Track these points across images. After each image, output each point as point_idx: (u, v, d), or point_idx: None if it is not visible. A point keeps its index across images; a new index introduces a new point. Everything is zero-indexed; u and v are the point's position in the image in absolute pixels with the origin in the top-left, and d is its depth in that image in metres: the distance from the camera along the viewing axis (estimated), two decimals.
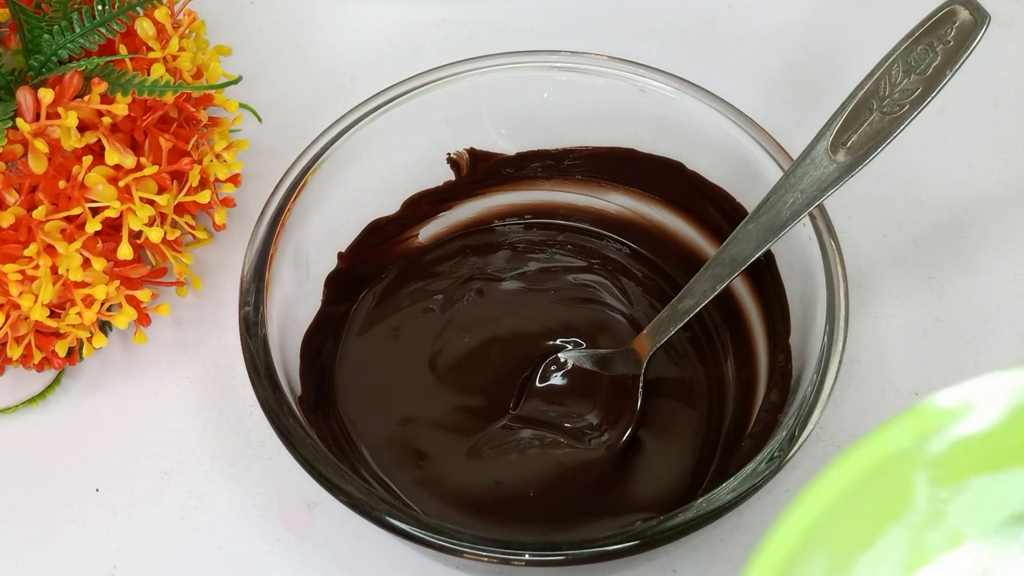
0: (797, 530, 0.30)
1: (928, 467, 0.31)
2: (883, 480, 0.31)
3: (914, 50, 0.45)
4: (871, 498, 0.31)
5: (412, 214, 0.53)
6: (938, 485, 0.32)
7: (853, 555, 0.32)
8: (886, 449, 0.31)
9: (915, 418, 0.31)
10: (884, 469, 0.31)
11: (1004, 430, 0.31)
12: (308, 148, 0.49)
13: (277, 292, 0.47)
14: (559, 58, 0.51)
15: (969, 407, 0.31)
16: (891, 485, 0.31)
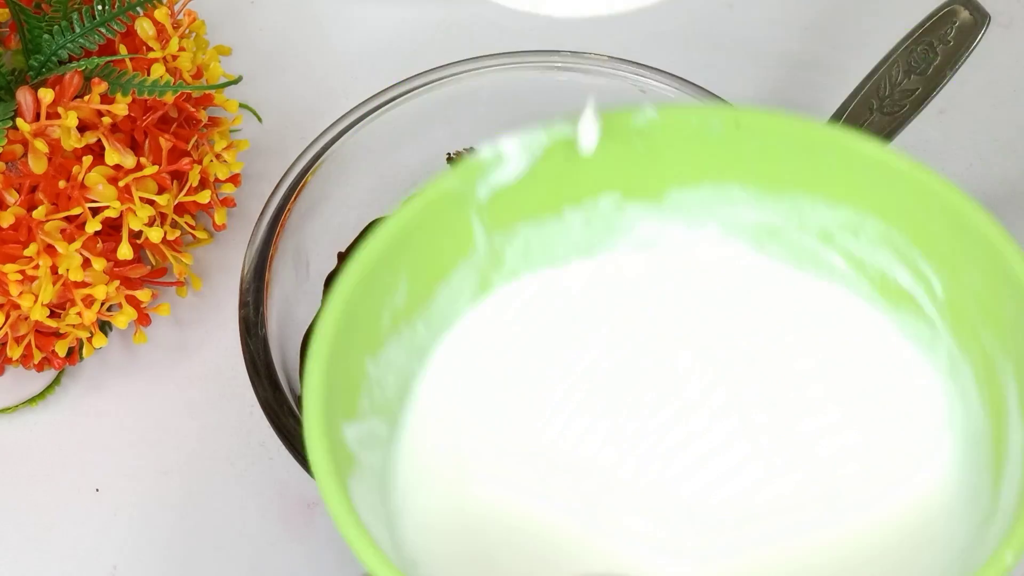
0: (378, 249, 0.35)
1: (480, 212, 0.37)
2: (446, 217, 0.36)
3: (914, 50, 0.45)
4: (439, 233, 0.36)
5: None
6: (491, 230, 0.37)
7: (432, 283, 0.37)
8: (441, 188, 0.36)
9: (462, 166, 0.36)
10: (444, 206, 0.36)
11: (531, 180, 0.36)
12: (308, 148, 0.49)
13: (277, 292, 0.47)
14: (559, 58, 0.51)
15: (501, 158, 0.36)
16: (454, 224, 0.37)
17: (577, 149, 0.37)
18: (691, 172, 0.38)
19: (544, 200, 0.38)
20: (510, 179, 0.36)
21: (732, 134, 0.36)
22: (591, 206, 0.38)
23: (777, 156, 0.37)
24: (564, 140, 0.37)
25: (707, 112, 0.37)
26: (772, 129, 0.36)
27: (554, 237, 0.39)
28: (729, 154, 0.37)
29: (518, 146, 0.36)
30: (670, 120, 0.37)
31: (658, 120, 0.36)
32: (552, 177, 0.37)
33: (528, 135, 0.36)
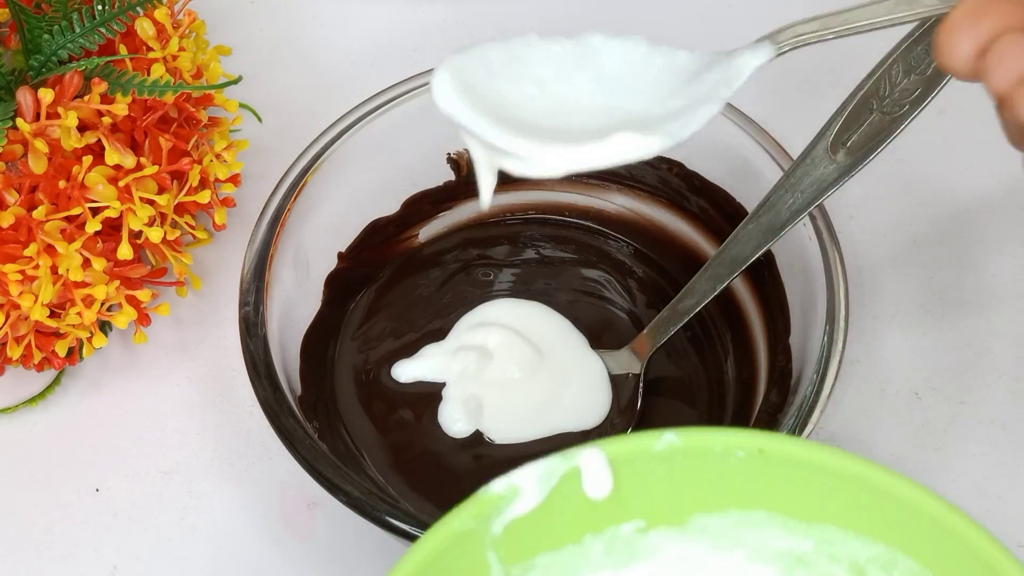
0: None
1: (495, 547, 0.35)
2: (459, 559, 0.35)
3: (914, 50, 0.45)
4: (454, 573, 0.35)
5: (412, 214, 0.53)
6: (508, 563, 0.36)
7: None
8: (454, 528, 0.35)
9: (475, 502, 0.35)
10: (457, 548, 0.35)
11: (548, 511, 0.35)
12: (308, 148, 0.49)
13: (277, 292, 0.47)
14: None
15: (516, 491, 0.35)
16: (468, 564, 0.35)
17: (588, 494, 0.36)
18: (716, 497, 0.37)
19: (562, 529, 0.36)
20: (525, 511, 0.35)
21: (756, 461, 0.35)
22: (613, 533, 0.37)
23: (805, 485, 0.36)
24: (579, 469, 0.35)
25: (730, 437, 0.36)
26: (797, 458, 0.35)
27: (574, 563, 0.37)
28: (755, 480, 0.36)
29: (534, 478, 0.35)
30: (692, 445, 0.36)
31: (679, 445, 0.35)
32: (570, 506, 0.36)
33: (543, 466, 0.35)
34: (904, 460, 0.50)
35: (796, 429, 0.43)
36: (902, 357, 0.52)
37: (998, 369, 0.52)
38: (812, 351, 0.45)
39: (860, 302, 0.53)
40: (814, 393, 0.43)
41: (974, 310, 0.53)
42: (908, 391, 0.51)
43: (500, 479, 0.35)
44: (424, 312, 0.52)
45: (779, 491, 0.36)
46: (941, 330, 0.53)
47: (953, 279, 0.54)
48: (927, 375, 0.52)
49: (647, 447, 0.36)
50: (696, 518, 0.37)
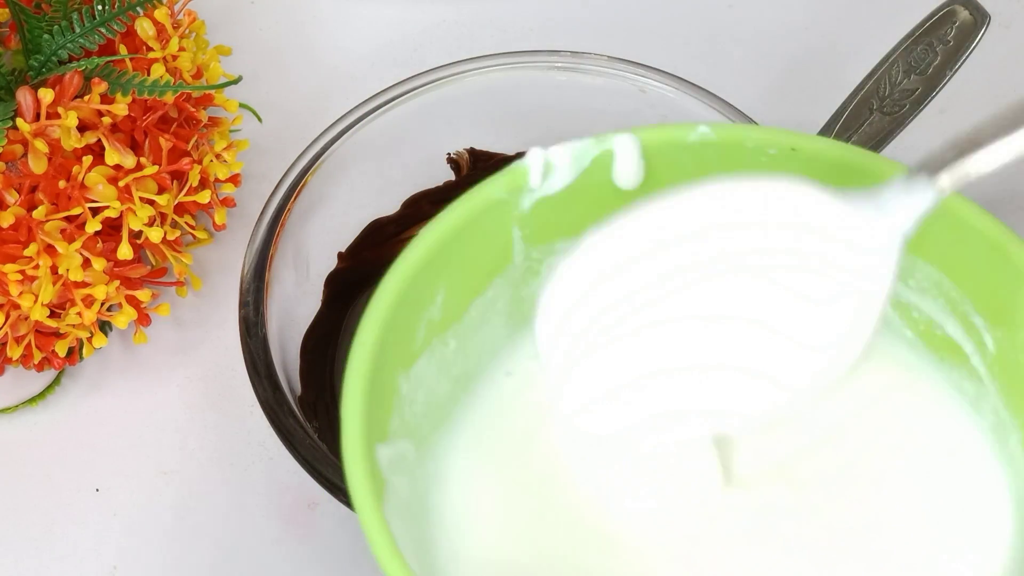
0: (420, 258, 0.34)
1: (521, 223, 0.35)
2: (487, 227, 0.35)
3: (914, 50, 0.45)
4: (479, 244, 0.35)
5: (412, 214, 0.53)
6: (530, 243, 0.36)
7: (468, 296, 0.36)
8: (486, 196, 0.35)
9: (510, 173, 0.35)
10: (486, 217, 0.35)
11: (575, 194, 0.35)
12: (308, 148, 0.49)
13: (277, 292, 0.47)
14: (559, 58, 0.51)
15: (550, 167, 0.35)
16: (494, 235, 0.35)
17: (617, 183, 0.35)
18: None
19: (587, 215, 0.36)
20: (554, 190, 0.35)
21: (788, 159, 0.35)
22: None
23: (833, 182, 0.34)
24: (613, 152, 0.35)
25: (764, 134, 0.35)
26: (830, 158, 0.35)
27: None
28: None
29: (567, 156, 0.35)
30: (725, 139, 0.35)
31: (713, 138, 0.35)
32: (598, 191, 0.36)
33: (578, 145, 0.35)
34: None
35: None
36: None
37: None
38: None
39: None
40: None
41: None
42: None
43: (535, 152, 0.35)
44: None
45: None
46: None
47: None
48: None
49: (681, 137, 0.35)
50: None
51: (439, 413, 0.36)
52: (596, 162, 0.35)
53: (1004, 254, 0.34)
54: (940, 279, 0.35)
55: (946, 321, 0.36)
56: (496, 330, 0.37)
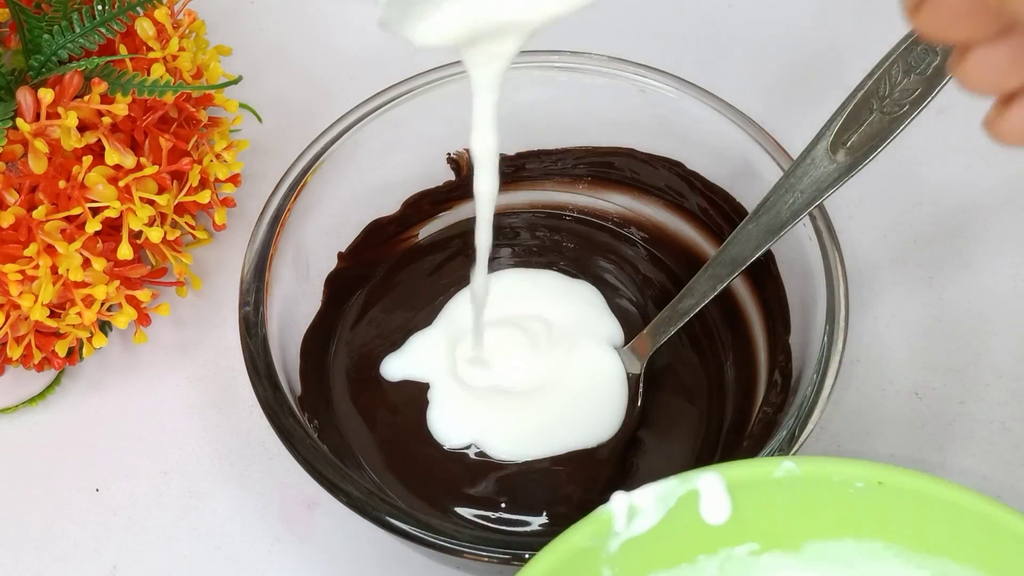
0: None
1: (610, 563, 0.36)
2: (575, 573, 0.36)
3: (914, 50, 0.45)
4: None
5: (412, 214, 0.53)
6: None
7: None
8: (572, 545, 0.36)
9: (594, 521, 0.36)
10: (574, 563, 0.35)
11: (663, 531, 0.36)
12: (308, 148, 0.49)
13: (277, 292, 0.47)
14: (559, 58, 0.51)
15: (635, 511, 0.36)
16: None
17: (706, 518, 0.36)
18: (832, 525, 0.37)
19: (677, 549, 0.37)
20: (642, 531, 0.36)
21: (875, 492, 0.36)
22: (727, 554, 0.37)
23: (923, 517, 0.36)
24: (698, 492, 0.36)
25: (849, 467, 0.36)
26: (916, 491, 0.36)
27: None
28: (872, 511, 0.36)
29: (652, 499, 0.36)
30: (811, 474, 0.36)
31: (798, 474, 0.36)
32: (686, 527, 0.36)
33: (662, 486, 0.36)
34: (904, 460, 0.50)
35: (796, 429, 0.43)
36: (902, 357, 0.52)
37: (998, 369, 0.52)
38: (812, 351, 0.45)
39: (860, 302, 0.53)
40: (814, 393, 0.43)
41: (974, 310, 0.53)
42: (908, 391, 0.51)
43: (619, 498, 0.36)
44: (415, 301, 0.52)
45: (897, 522, 0.36)
46: (941, 330, 0.53)
47: (953, 279, 0.54)
48: (927, 375, 0.52)
49: (766, 474, 0.36)
50: (811, 544, 0.37)
51: None
52: (682, 501, 0.36)
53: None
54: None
55: None
56: None
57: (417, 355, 0.50)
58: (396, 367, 0.50)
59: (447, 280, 0.52)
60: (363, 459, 0.48)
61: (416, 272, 0.53)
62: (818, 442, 0.50)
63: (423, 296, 0.52)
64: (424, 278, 0.52)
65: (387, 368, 0.50)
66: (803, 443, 0.43)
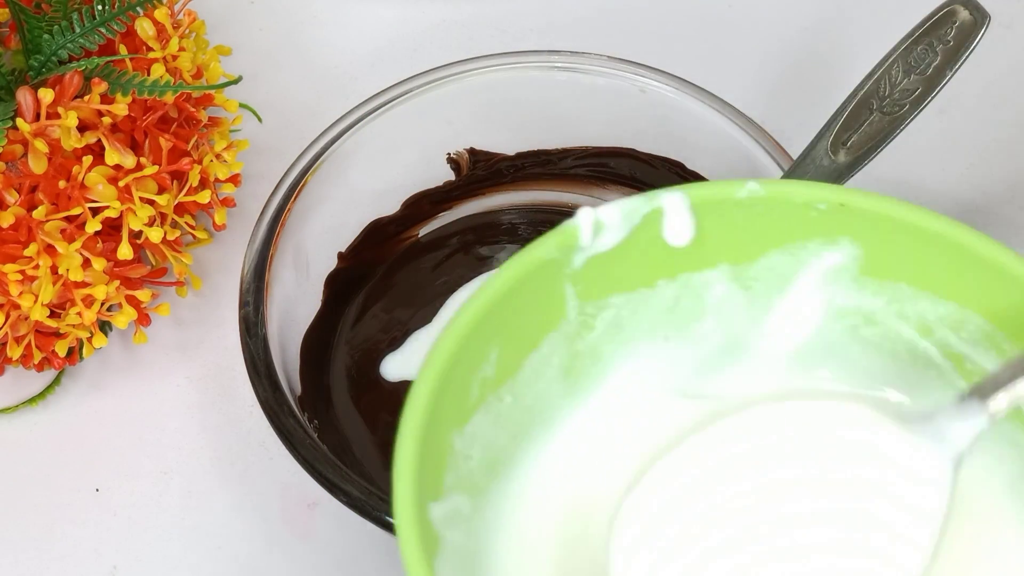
0: (473, 318, 0.34)
1: (573, 280, 0.36)
2: (540, 285, 0.36)
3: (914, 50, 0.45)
4: (532, 302, 0.36)
5: (412, 214, 0.53)
6: (583, 299, 0.36)
7: (522, 352, 0.36)
8: (538, 255, 0.35)
9: (560, 233, 0.35)
10: (539, 275, 0.35)
11: (627, 251, 0.36)
12: (308, 148, 0.49)
13: (277, 292, 0.47)
14: (559, 58, 0.51)
15: (600, 226, 0.35)
16: (547, 293, 0.36)
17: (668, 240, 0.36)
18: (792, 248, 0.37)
19: (639, 271, 0.37)
20: (606, 248, 0.36)
21: (837, 214, 0.35)
22: (685, 280, 0.37)
23: (882, 242, 0.36)
24: (663, 210, 0.36)
25: (813, 190, 0.36)
26: (879, 213, 0.35)
27: (645, 307, 0.38)
28: (832, 234, 0.36)
29: (617, 216, 0.35)
30: (774, 195, 0.36)
31: (762, 194, 0.36)
32: (648, 248, 0.36)
33: (628, 203, 0.36)
34: None
35: None
36: None
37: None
38: None
39: None
40: None
41: None
42: None
43: (585, 212, 0.35)
44: (416, 299, 0.52)
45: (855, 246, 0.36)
46: None
47: None
48: None
49: (729, 194, 0.36)
50: (768, 256, 0.37)
51: (496, 466, 0.36)
52: (646, 219, 0.36)
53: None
54: (992, 330, 0.36)
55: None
56: (552, 384, 0.38)
57: (417, 354, 0.50)
58: (396, 366, 0.50)
59: (447, 278, 0.52)
60: (363, 459, 0.48)
61: (416, 271, 0.53)
62: None
63: (423, 294, 0.52)
64: (424, 277, 0.52)
65: (387, 368, 0.50)
66: None
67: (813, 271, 0.37)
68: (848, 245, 0.36)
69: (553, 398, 0.37)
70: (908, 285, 0.36)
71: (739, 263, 0.37)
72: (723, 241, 0.36)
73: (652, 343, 0.38)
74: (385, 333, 0.51)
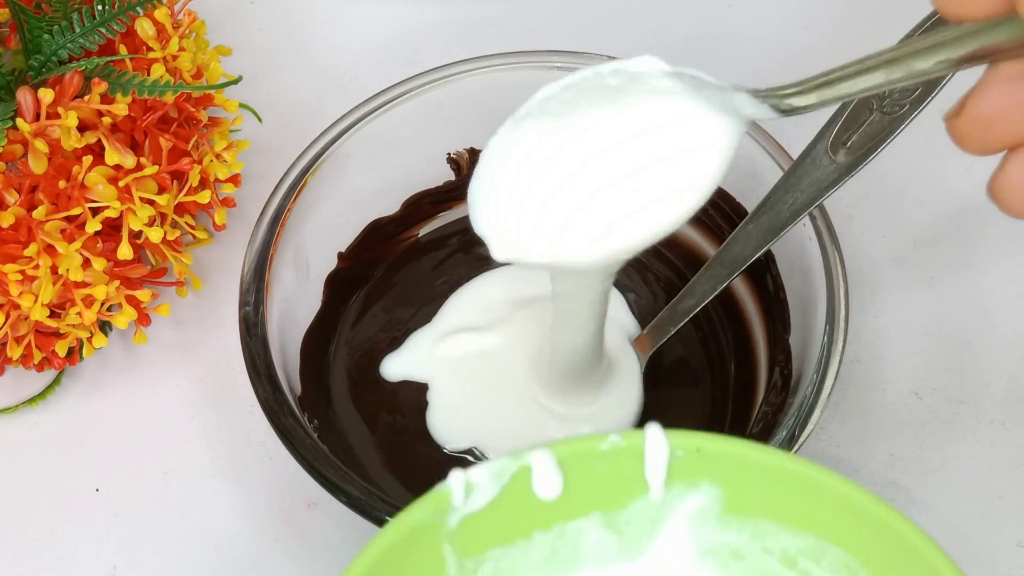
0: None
1: (450, 539, 0.37)
2: (417, 550, 0.37)
3: None
4: (410, 565, 0.36)
5: (412, 214, 0.53)
6: (462, 556, 0.37)
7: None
8: (413, 520, 0.36)
9: (433, 497, 0.37)
10: (415, 538, 0.36)
11: (500, 507, 0.37)
12: (308, 148, 0.49)
13: (277, 292, 0.47)
14: (559, 58, 0.51)
15: (472, 487, 0.37)
16: (426, 554, 0.37)
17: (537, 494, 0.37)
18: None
19: (513, 525, 0.38)
20: (479, 507, 0.37)
21: (694, 458, 0.37)
22: (560, 530, 0.38)
23: (738, 481, 0.37)
24: (530, 467, 0.37)
25: (672, 438, 0.37)
26: (731, 456, 0.37)
27: (523, 558, 0.38)
28: (693, 477, 0.37)
29: (486, 476, 0.37)
30: (634, 445, 0.37)
31: (623, 445, 0.37)
32: (520, 503, 0.37)
33: (496, 464, 0.37)
34: (904, 460, 0.50)
35: (796, 429, 0.43)
36: (902, 357, 0.52)
37: (998, 369, 0.52)
38: (812, 351, 0.45)
39: (860, 302, 0.53)
40: (814, 393, 0.43)
41: (974, 310, 0.53)
42: (908, 391, 0.51)
43: (456, 475, 0.37)
44: (415, 299, 0.52)
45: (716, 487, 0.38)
46: (941, 330, 0.53)
47: (953, 279, 0.54)
48: (927, 375, 0.52)
49: (592, 448, 0.37)
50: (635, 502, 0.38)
51: None
52: (515, 477, 0.37)
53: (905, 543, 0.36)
54: (850, 560, 0.37)
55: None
56: None
57: (416, 354, 0.50)
58: (395, 366, 0.50)
59: (447, 278, 0.52)
60: (363, 459, 0.48)
61: (416, 271, 0.53)
62: (818, 442, 0.50)
63: (423, 294, 0.52)
64: (424, 277, 0.52)
65: (387, 368, 0.50)
66: (803, 443, 0.43)
67: (679, 513, 0.38)
68: (709, 487, 0.38)
69: None
70: (768, 520, 0.38)
71: (609, 510, 0.38)
72: (592, 491, 0.38)
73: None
74: (385, 333, 0.51)
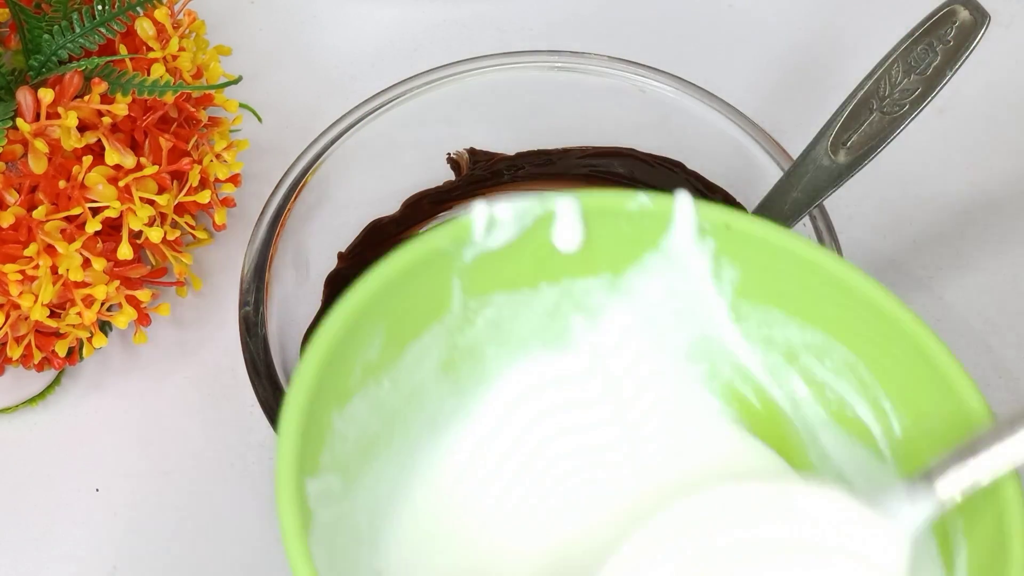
0: (364, 299, 0.35)
1: (461, 274, 0.36)
2: (429, 275, 0.36)
3: (914, 50, 0.45)
4: (420, 290, 0.36)
5: (412, 214, 0.53)
6: (468, 294, 0.37)
7: (405, 340, 0.37)
8: (432, 245, 0.36)
9: (455, 225, 0.36)
10: (429, 264, 0.36)
11: (516, 251, 0.36)
12: (308, 148, 0.49)
13: (277, 292, 0.47)
14: (559, 58, 0.51)
15: (494, 223, 0.36)
16: (435, 283, 0.37)
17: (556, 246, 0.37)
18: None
19: (524, 272, 0.37)
20: (496, 245, 0.36)
21: (720, 234, 0.36)
22: (567, 286, 0.38)
23: (760, 265, 0.36)
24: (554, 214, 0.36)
25: (702, 209, 0.36)
26: (759, 237, 0.36)
27: (525, 308, 0.38)
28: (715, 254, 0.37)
29: (511, 213, 0.36)
30: (663, 209, 0.36)
31: (650, 208, 0.36)
32: (537, 249, 0.37)
33: (521, 204, 0.36)
34: None
35: None
36: None
37: (998, 369, 0.52)
38: None
39: None
40: None
41: (974, 310, 0.53)
42: None
43: (480, 207, 0.36)
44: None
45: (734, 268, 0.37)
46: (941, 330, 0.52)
47: (953, 279, 0.54)
48: None
49: (619, 205, 0.36)
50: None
51: (368, 452, 0.37)
52: (538, 222, 0.36)
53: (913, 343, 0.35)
54: (855, 362, 0.36)
55: (857, 403, 0.37)
56: (428, 374, 0.38)
57: None
58: None
59: None
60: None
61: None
62: None
63: None
64: None
65: None
66: None
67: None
68: (728, 267, 0.37)
69: (432, 392, 0.38)
70: (779, 310, 0.37)
71: (620, 273, 0.38)
72: (609, 250, 0.37)
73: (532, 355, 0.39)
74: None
